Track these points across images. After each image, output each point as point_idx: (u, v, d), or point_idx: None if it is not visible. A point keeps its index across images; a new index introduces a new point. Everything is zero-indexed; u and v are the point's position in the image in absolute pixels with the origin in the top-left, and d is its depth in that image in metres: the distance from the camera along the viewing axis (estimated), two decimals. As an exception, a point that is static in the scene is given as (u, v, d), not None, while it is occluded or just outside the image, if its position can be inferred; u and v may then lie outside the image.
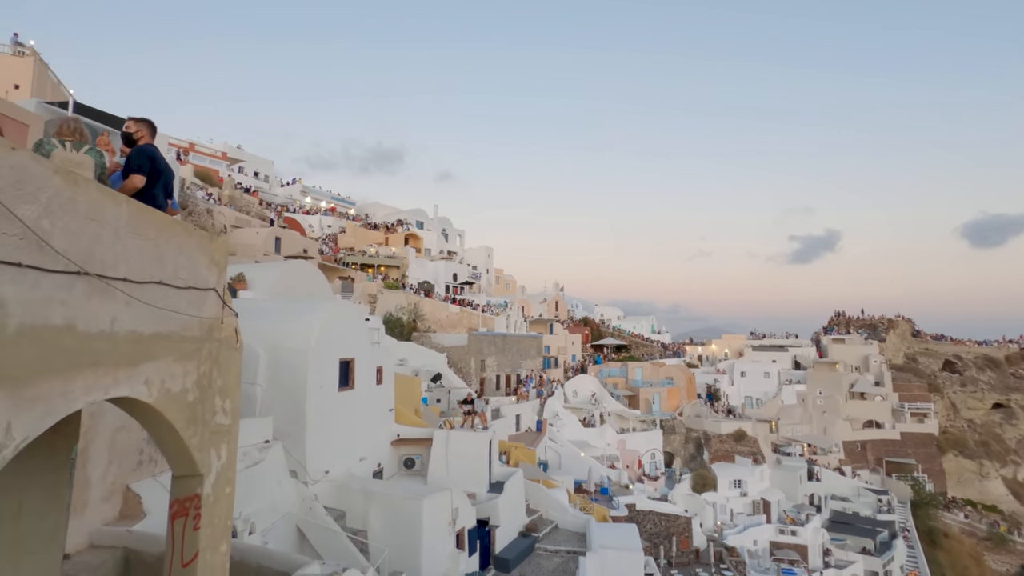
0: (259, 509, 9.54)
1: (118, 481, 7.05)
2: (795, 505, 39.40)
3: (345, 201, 66.33)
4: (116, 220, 3.05)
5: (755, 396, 54.99)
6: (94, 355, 2.83)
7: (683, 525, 26.44)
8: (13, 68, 31.31)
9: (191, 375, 3.87)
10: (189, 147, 48.86)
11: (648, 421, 45.25)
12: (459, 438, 16.62)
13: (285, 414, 12.05)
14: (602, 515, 21.82)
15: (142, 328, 3.28)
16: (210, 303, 4.18)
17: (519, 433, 31.58)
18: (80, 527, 6.09)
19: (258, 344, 12.22)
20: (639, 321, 79.75)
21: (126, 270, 3.11)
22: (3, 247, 2.26)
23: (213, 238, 4.38)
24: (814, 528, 34.59)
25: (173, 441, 3.80)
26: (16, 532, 3.60)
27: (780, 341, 67.46)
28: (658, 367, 52.26)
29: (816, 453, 49.88)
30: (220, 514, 4.29)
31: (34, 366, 2.43)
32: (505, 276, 69.61)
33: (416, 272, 48.53)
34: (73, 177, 2.71)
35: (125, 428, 7.10)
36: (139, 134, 4.49)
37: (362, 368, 14.86)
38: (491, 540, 15.15)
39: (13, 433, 2.29)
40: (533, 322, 55.36)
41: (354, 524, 12.28)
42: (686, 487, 37.27)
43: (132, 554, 6.18)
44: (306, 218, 49.45)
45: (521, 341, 41.32)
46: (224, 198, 39.87)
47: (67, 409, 2.63)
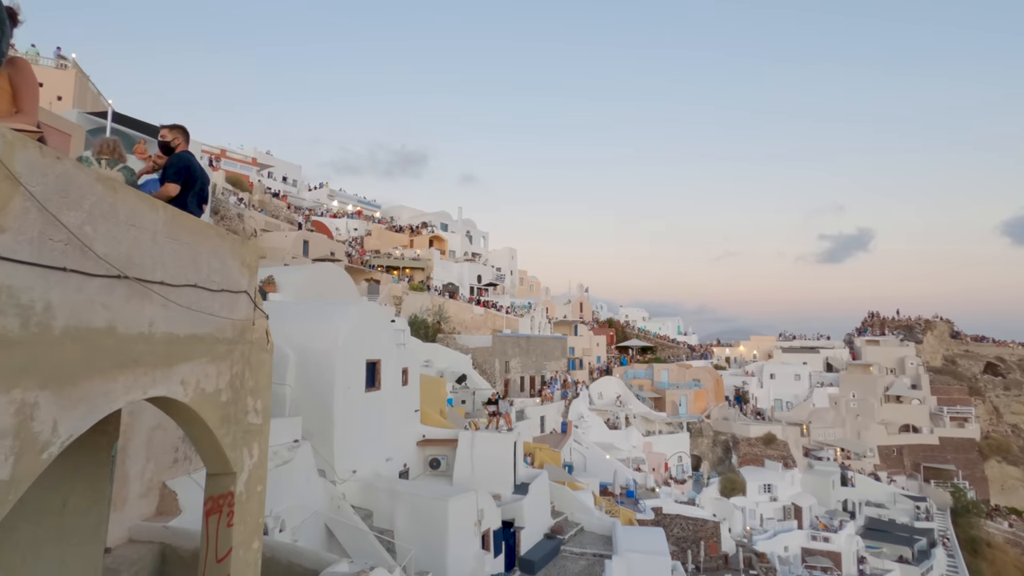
0: (289, 507, 9.73)
1: (155, 478, 7.27)
2: (828, 511, 38.38)
3: (371, 204, 67.25)
4: (154, 225, 3.15)
5: (785, 399, 53.79)
6: (133, 356, 2.94)
7: (711, 530, 26.03)
8: (56, 81, 32.64)
9: (224, 375, 3.97)
10: (221, 153, 50.17)
11: (675, 424, 44.67)
12: (484, 439, 16.68)
13: (314, 414, 12.27)
14: (628, 518, 21.63)
15: (178, 330, 3.38)
16: (242, 305, 4.29)
17: (544, 435, 31.52)
18: (120, 522, 6.29)
19: (287, 345, 12.48)
20: (665, 322, 78.81)
21: (163, 274, 3.22)
22: (50, 252, 2.36)
23: (245, 242, 4.49)
24: (848, 535, 33.65)
25: (207, 440, 3.91)
26: (61, 526, 3.75)
27: (811, 343, 65.83)
28: (685, 369, 51.53)
29: (849, 458, 48.52)
30: (252, 511, 4.39)
31: (78, 366, 2.53)
32: (529, 277, 69.61)
33: (441, 274, 48.89)
34: (113, 185, 2.82)
35: (161, 427, 7.33)
36: (175, 141, 4.63)
37: (388, 369, 15.04)
38: (516, 541, 15.15)
39: (59, 431, 2.39)
40: (557, 323, 55.20)
41: (381, 523, 12.43)
42: (714, 491, 36.66)
43: (168, 549, 6.37)
44: (333, 221, 50.28)
45: (545, 342, 41.25)
46: (254, 203, 40.83)
47: (109, 408, 2.73)
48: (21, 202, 2.22)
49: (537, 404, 33.09)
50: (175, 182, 4.29)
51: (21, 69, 2.97)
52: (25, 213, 2.25)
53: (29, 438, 2.23)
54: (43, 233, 2.34)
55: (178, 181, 4.30)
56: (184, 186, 4.37)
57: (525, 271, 69.21)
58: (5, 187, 2.15)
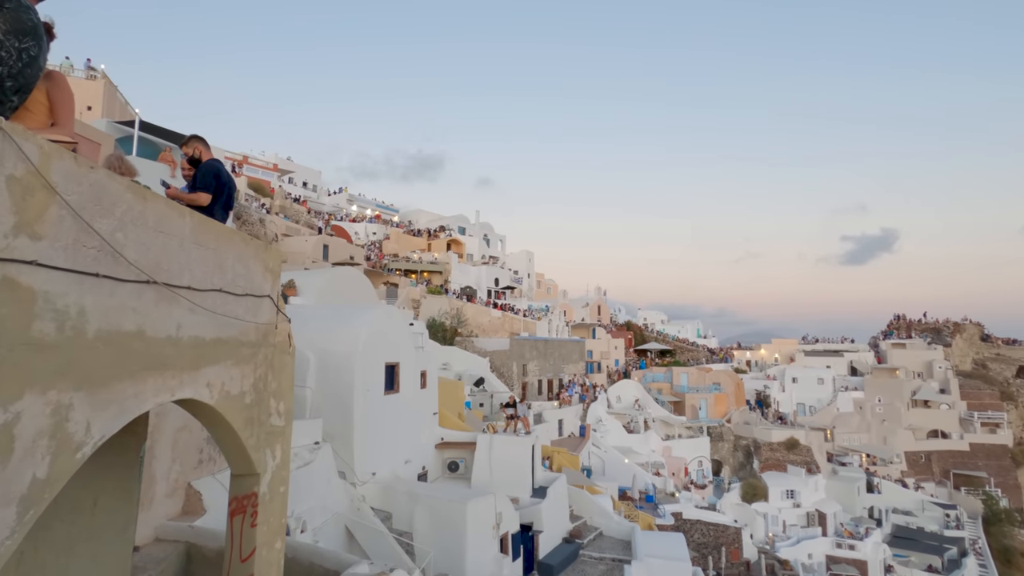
0: (310, 508, 9.84)
1: (180, 478, 7.42)
2: (853, 518, 37.54)
3: (389, 208, 67.88)
4: (181, 231, 3.24)
5: (808, 403, 52.85)
6: (162, 359, 3.01)
7: (732, 535, 25.65)
8: (86, 91, 33.60)
9: (248, 378, 4.05)
10: (243, 160, 51.09)
11: (694, 428, 44.16)
12: (502, 442, 16.69)
13: (334, 416, 12.41)
14: (647, 523, 21.43)
15: (204, 333, 3.46)
16: (265, 309, 4.37)
17: (562, 438, 31.40)
18: (147, 521, 6.44)
19: (308, 348, 12.64)
20: (684, 325, 78.06)
21: (190, 279, 3.29)
22: (83, 259, 2.44)
23: (268, 247, 4.57)
24: (874, 543, 32.87)
25: (232, 441, 3.99)
26: (92, 524, 3.86)
27: (834, 346, 64.54)
28: (705, 372, 50.95)
29: (875, 464, 47.44)
30: (275, 512, 4.46)
31: (109, 369, 2.61)
32: (547, 280, 69.52)
33: (458, 277, 49.10)
34: (143, 193, 2.90)
35: (187, 428, 7.48)
36: (197, 151, 4.76)
37: (407, 372, 15.15)
38: (535, 545, 15.12)
39: (92, 432, 2.47)
40: (575, 326, 55.02)
41: (400, 525, 12.50)
42: (735, 496, 36.13)
43: (193, 548, 6.49)
44: (352, 226, 50.84)
45: (563, 345, 41.13)
46: (275, 208, 41.49)
47: (138, 409, 2.81)
48: (57, 210, 2.30)
49: (555, 407, 33.00)
50: (205, 191, 4.42)
51: (58, 83, 3.08)
52: (60, 221, 2.32)
53: (64, 438, 2.31)
54: (77, 240, 2.41)
55: (208, 190, 4.43)
56: (212, 193, 4.49)
57: (542, 274, 69.14)
58: (42, 196, 2.23)
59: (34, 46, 2.65)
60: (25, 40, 2.59)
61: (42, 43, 2.71)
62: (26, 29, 2.58)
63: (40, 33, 2.69)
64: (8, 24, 2.51)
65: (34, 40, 2.64)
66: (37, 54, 2.68)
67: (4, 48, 2.52)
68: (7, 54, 2.53)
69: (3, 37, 2.50)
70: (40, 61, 2.74)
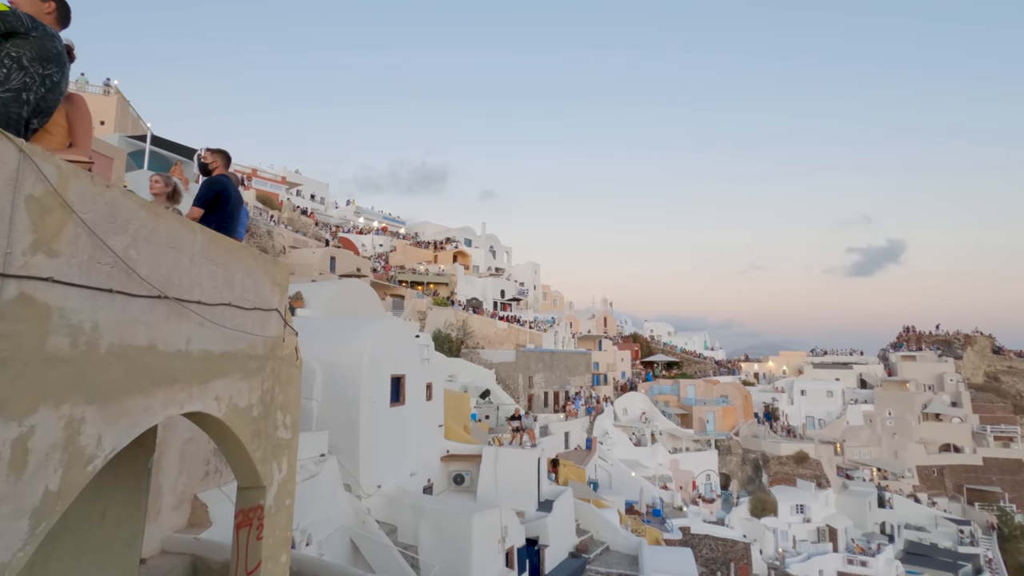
0: (315, 521, 9.83)
1: (187, 491, 7.45)
2: (864, 533, 36.95)
3: (396, 220, 68.26)
4: (192, 247, 3.30)
5: (817, 416, 52.26)
6: (172, 373, 3.06)
7: (742, 551, 25.31)
8: (100, 106, 34.20)
9: (256, 391, 4.09)
10: (252, 173, 51.64)
11: (702, 441, 43.76)
12: (508, 455, 16.62)
13: (339, 429, 12.42)
14: (655, 538, 21.20)
15: (213, 347, 3.51)
16: (273, 323, 4.43)
17: (568, 451, 31.19)
18: (153, 533, 6.46)
19: (314, 360, 12.69)
20: (691, 337, 77.60)
21: (200, 293, 3.35)
22: (98, 275, 2.50)
23: (276, 261, 4.64)
24: (887, 559, 32.33)
25: (239, 454, 4.02)
26: (100, 536, 3.89)
27: (843, 358, 63.95)
28: (712, 385, 50.57)
29: (886, 478, 46.76)
30: (281, 525, 4.48)
31: (121, 383, 2.66)
32: (552, 292, 69.47)
33: (464, 289, 49.18)
34: (156, 210, 2.97)
35: (193, 440, 7.52)
36: (213, 164, 4.77)
37: (412, 384, 15.16)
38: (540, 560, 14.99)
39: (103, 445, 2.51)
40: (581, 338, 54.86)
41: (405, 539, 12.44)
42: (744, 511, 35.67)
43: (199, 561, 6.50)
44: (359, 238, 51.13)
45: (569, 357, 41.00)
46: (284, 220, 41.83)
47: (148, 422, 2.85)
48: (73, 228, 2.37)
49: (561, 420, 32.82)
50: (198, 206, 4.41)
51: (77, 106, 3.17)
52: (76, 239, 2.39)
53: (76, 451, 2.35)
54: (92, 257, 2.48)
55: (201, 204, 4.41)
56: (215, 207, 4.48)
57: (548, 286, 69.11)
58: (59, 215, 2.30)
59: (57, 72, 2.75)
60: (49, 67, 2.69)
61: (64, 69, 2.81)
62: (50, 56, 2.68)
63: (63, 60, 2.80)
64: (34, 51, 2.61)
65: (57, 67, 2.74)
66: (59, 80, 2.79)
67: (29, 74, 2.62)
68: (31, 80, 2.63)
69: (28, 64, 2.60)
70: (62, 87, 2.84)
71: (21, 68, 2.59)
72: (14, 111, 2.59)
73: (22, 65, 2.59)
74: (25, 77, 2.61)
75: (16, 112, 2.60)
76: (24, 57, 2.59)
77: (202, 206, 4.38)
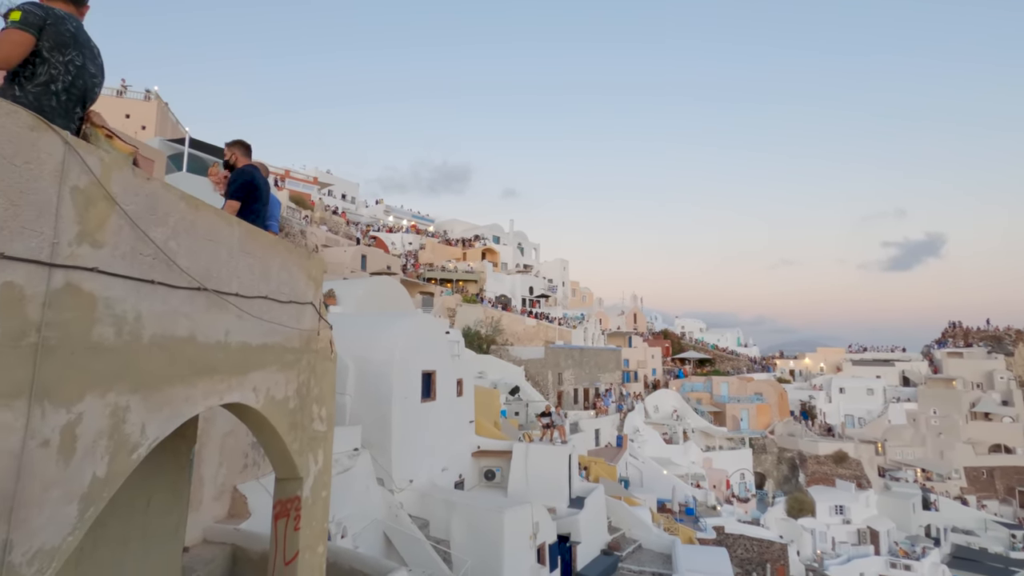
0: (350, 514, 9.96)
1: (227, 482, 7.63)
2: (908, 536, 35.64)
3: (424, 219, 68.82)
4: (229, 240, 3.34)
5: (857, 415, 50.64)
6: (211, 363, 3.10)
7: (778, 552, 24.69)
8: (141, 112, 35.47)
9: (292, 383, 4.14)
10: (285, 174, 52.77)
11: (736, 439, 42.89)
12: (538, 451, 16.55)
13: (372, 424, 12.56)
14: (688, 536, 20.86)
15: (251, 339, 3.55)
16: (308, 316, 4.46)
17: (598, 448, 30.98)
18: (196, 523, 6.63)
19: (347, 356, 12.85)
20: (723, 333, 76.12)
21: (238, 286, 3.39)
22: (140, 266, 2.54)
23: (310, 255, 4.68)
24: (932, 563, 31.08)
25: (276, 445, 4.07)
26: (146, 524, 3.99)
27: (884, 355, 61.79)
28: (746, 382, 49.52)
29: (931, 479, 45.02)
30: (318, 516, 4.53)
31: (163, 373, 2.70)
32: (581, 289, 69.06)
33: (493, 286, 49.27)
34: (195, 202, 3.01)
35: (232, 433, 7.70)
36: (233, 156, 4.74)
37: (443, 380, 15.22)
38: (572, 557, 14.89)
39: (147, 433, 2.56)
40: (611, 335, 54.38)
41: (437, 533, 12.52)
42: (780, 511, 34.83)
43: (239, 551, 6.65)
44: (389, 236, 51.74)
45: (599, 354, 40.69)
46: (316, 220, 42.63)
47: (190, 412, 2.90)
48: (116, 220, 2.41)
49: (591, 417, 32.61)
50: (235, 198, 4.36)
51: None
52: (119, 230, 2.43)
53: (122, 439, 2.39)
54: (134, 248, 2.52)
55: (239, 197, 4.37)
56: (247, 199, 4.44)
57: (577, 282, 68.73)
58: (103, 206, 2.34)
59: (77, 55, 2.76)
60: (68, 52, 2.71)
61: (83, 49, 2.81)
62: (66, 41, 2.70)
63: (80, 40, 2.80)
64: (51, 40, 2.64)
65: (75, 49, 2.75)
66: (82, 62, 2.80)
67: (51, 65, 2.65)
68: (56, 70, 2.67)
69: (48, 54, 2.63)
70: (88, 68, 2.85)
71: (43, 60, 2.63)
72: (46, 103, 2.64)
73: (43, 57, 2.63)
74: (50, 69, 2.65)
75: (48, 104, 2.65)
76: (43, 48, 2.62)
77: (237, 198, 4.37)
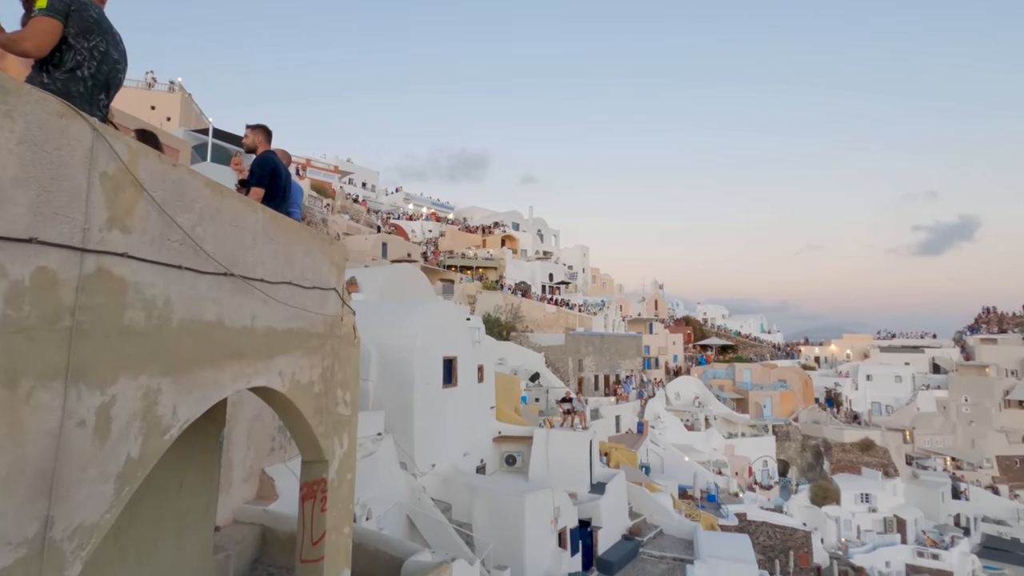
0: (374, 497, 10.15)
1: (255, 465, 7.82)
2: (936, 525, 34.97)
3: (444, 206, 68.94)
4: (254, 226, 3.38)
5: (884, 402, 49.65)
6: (238, 348, 3.16)
7: (801, 539, 24.48)
8: (166, 103, 36.04)
9: (316, 368, 4.19)
10: (306, 163, 53.26)
11: (759, 426, 42.44)
12: (559, 437, 16.62)
13: (394, 409, 12.73)
14: (709, 523, 20.80)
15: (276, 324, 3.60)
16: (331, 302, 4.51)
17: (619, 435, 30.96)
18: (226, 504, 6.82)
19: (369, 343, 13.01)
20: (747, 320, 75.10)
21: (263, 271, 3.44)
22: (168, 251, 2.58)
23: (333, 242, 4.71)
24: (961, 553, 30.50)
25: (302, 428, 4.14)
26: (179, 504, 4.12)
27: (914, 341, 60.32)
28: (769, 369, 48.87)
29: (961, 468, 44.03)
30: (343, 498, 4.61)
31: (192, 356, 2.75)
32: (602, 275, 68.65)
33: (513, 273, 49.25)
34: (220, 189, 3.04)
35: (260, 417, 7.87)
36: (256, 142, 4.69)
37: (464, 366, 15.33)
38: (593, 541, 14.99)
39: (178, 415, 2.61)
40: (632, 321, 54.06)
41: (459, 516, 12.69)
42: (804, 499, 34.46)
43: (268, 531, 6.83)
44: (409, 224, 51.98)
45: (620, 341, 40.51)
46: (337, 208, 43.02)
47: (219, 395, 2.95)
48: (144, 206, 2.44)
49: (612, 403, 32.56)
50: (258, 185, 4.34)
51: None
52: (147, 216, 2.47)
53: (154, 420, 2.45)
54: (162, 234, 2.56)
55: (261, 184, 4.36)
56: (270, 185, 4.41)
57: (597, 269, 68.32)
58: (131, 192, 2.37)
59: (101, 41, 2.79)
60: (92, 38, 2.73)
61: (107, 35, 2.83)
62: (90, 27, 2.72)
63: (103, 26, 2.82)
64: (76, 27, 2.66)
65: (99, 35, 2.77)
66: (106, 48, 2.82)
67: (77, 51, 2.68)
68: (81, 56, 2.69)
69: (74, 41, 2.65)
70: (112, 54, 2.87)
71: (69, 47, 2.65)
72: (74, 89, 2.67)
73: (68, 43, 2.65)
74: (75, 55, 2.67)
75: (76, 90, 2.68)
76: (69, 35, 2.64)
77: (261, 185, 4.38)
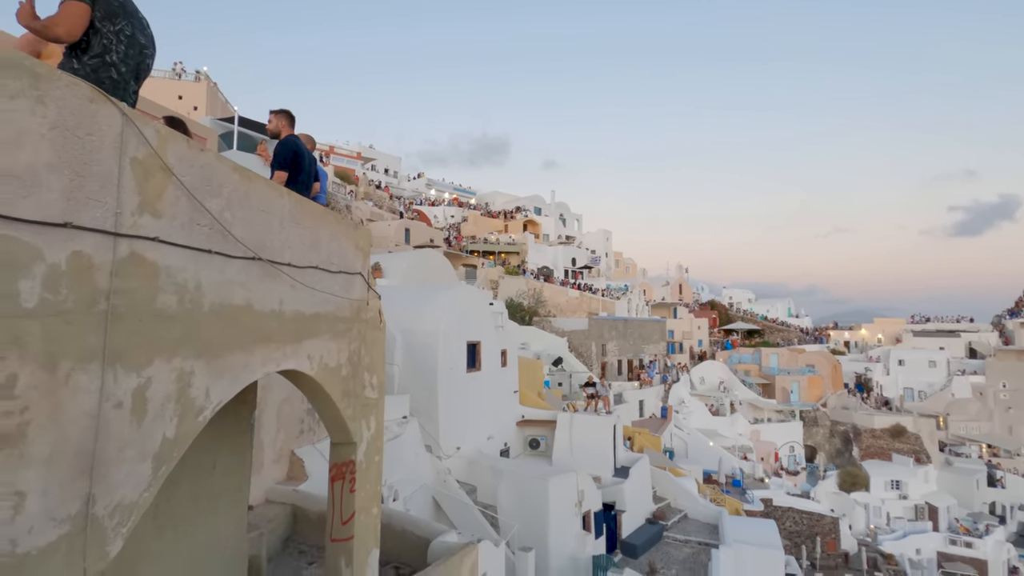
0: (400, 479, 10.31)
1: (285, 446, 8.01)
2: (970, 513, 34.18)
3: (466, 192, 68.93)
4: (281, 211, 3.39)
5: (917, 388, 48.40)
6: (267, 332, 3.19)
7: (829, 525, 24.20)
8: (193, 92, 36.59)
9: (344, 352, 4.23)
10: (330, 150, 53.68)
11: (785, 412, 41.85)
12: (583, 421, 16.63)
13: (419, 393, 12.88)
14: (735, 508, 20.68)
15: (304, 308, 3.63)
16: (357, 286, 4.53)
17: (643, 419, 30.86)
18: (258, 484, 7.01)
19: (394, 327, 13.13)
20: (773, 304, 73.77)
21: (290, 256, 3.46)
22: (198, 236, 2.61)
23: (358, 227, 4.73)
24: (996, 541, 29.77)
25: (330, 411, 4.20)
26: (212, 484, 4.23)
27: (949, 325, 58.49)
28: (797, 353, 48.01)
29: (997, 455, 42.79)
30: (371, 479, 4.68)
31: (223, 340, 2.79)
32: (625, 259, 68.01)
33: (535, 257, 49.13)
34: (247, 174, 3.05)
35: (289, 400, 8.03)
36: (279, 126, 4.73)
37: (488, 351, 15.40)
38: (617, 524, 15.03)
39: (211, 397, 2.66)
40: (656, 306, 53.58)
41: (484, 499, 12.84)
42: (831, 485, 34.02)
43: (299, 510, 7.00)
44: (431, 209, 52.15)
45: (643, 325, 40.21)
46: (360, 194, 43.35)
47: (249, 378, 3.00)
48: (173, 191, 2.46)
49: (636, 388, 32.44)
50: (281, 168, 4.39)
51: None
52: (177, 200, 2.48)
53: (188, 402, 2.50)
54: (192, 219, 2.58)
55: (284, 168, 4.40)
56: (293, 168, 4.46)
57: (620, 253, 67.69)
58: (161, 177, 2.39)
59: (127, 25, 2.78)
60: (118, 21, 2.73)
61: (132, 19, 2.82)
62: (115, 10, 2.72)
63: (129, 9, 2.81)
64: (101, 11, 2.65)
65: (124, 19, 2.77)
66: (132, 32, 2.82)
67: (104, 36, 2.67)
68: (108, 40, 2.69)
69: (100, 25, 2.64)
70: (138, 39, 2.87)
71: (95, 31, 2.65)
72: (104, 75, 2.69)
73: (95, 28, 2.65)
74: (103, 40, 2.67)
75: (106, 75, 2.69)
76: (96, 19, 2.64)
77: (284, 169, 4.42)
